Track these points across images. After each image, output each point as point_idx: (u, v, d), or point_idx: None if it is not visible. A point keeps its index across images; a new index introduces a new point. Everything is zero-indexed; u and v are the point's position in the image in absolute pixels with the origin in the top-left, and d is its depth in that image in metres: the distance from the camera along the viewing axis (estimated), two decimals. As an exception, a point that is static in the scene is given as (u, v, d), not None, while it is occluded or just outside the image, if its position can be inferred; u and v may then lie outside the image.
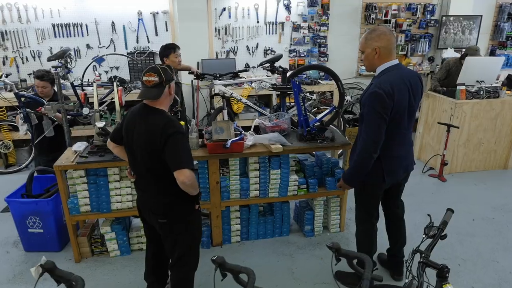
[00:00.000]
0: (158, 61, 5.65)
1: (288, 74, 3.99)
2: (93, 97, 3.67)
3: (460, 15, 6.27)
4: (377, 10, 5.99)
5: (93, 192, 3.04)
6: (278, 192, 3.33)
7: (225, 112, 4.01)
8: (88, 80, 5.05)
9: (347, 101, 5.96)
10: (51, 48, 5.44)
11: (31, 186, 3.42)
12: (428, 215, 1.94)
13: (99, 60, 5.55)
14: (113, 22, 5.50)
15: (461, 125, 4.63)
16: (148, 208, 2.28)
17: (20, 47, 5.39)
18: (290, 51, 6.10)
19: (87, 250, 3.24)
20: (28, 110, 3.93)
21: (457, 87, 4.59)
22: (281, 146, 3.13)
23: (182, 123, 3.02)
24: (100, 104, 4.01)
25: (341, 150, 4.03)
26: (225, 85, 4.89)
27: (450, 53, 6.16)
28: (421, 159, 5.23)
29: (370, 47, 2.35)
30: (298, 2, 5.86)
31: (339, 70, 6.15)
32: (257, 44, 5.97)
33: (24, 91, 4.99)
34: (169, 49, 3.81)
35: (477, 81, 4.74)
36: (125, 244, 3.26)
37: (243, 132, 3.22)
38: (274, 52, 6.05)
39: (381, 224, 2.85)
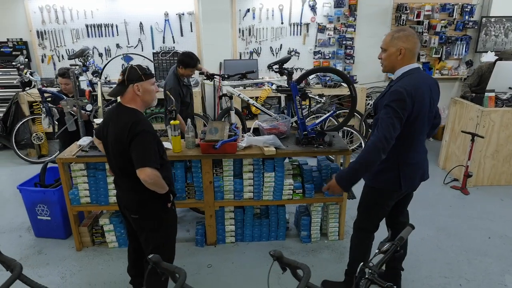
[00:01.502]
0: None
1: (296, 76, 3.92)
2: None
3: (503, 16, 5.79)
4: (408, 11, 5.70)
5: (92, 185, 3.19)
6: (273, 195, 3.29)
7: (233, 113, 4.03)
8: (106, 78, 5.30)
9: (370, 105, 5.76)
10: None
11: (44, 176, 3.67)
12: (388, 229, 1.80)
13: (127, 58, 5.83)
14: (141, 23, 5.74)
15: (489, 134, 4.28)
16: (123, 205, 2.35)
17: (57, 46, 5.80)
18: (315, 53, 5.99)
19: (88, 239, 3.41)
20: (50, 105, 4.23)
21: (485, 93, 4.25)
22: (274, 149, 3.09)
23: (176, 122, 3.06)
24: (115, 101, 4.20)
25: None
26: (245, 86, 4.91)
27: (490, 57, 5.70)
28: (446, 169, 4.90)
29: (395, 46, 2.22)
30: (324, 2, 5.74)
31: (366, 73, 6.01)
32: (281, 45, 5.93)
33: (58, 87, 5.37)
34: (192, 61, 3.82)
35: (510, 88, 4.35)
36: (122, 237, 3.38)
37: (238, 133, 3.22)
38: (298, 53, 5.98)
39: (377, 234, 2.71)
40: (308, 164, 3.48)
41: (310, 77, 5.84)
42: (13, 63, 5.53)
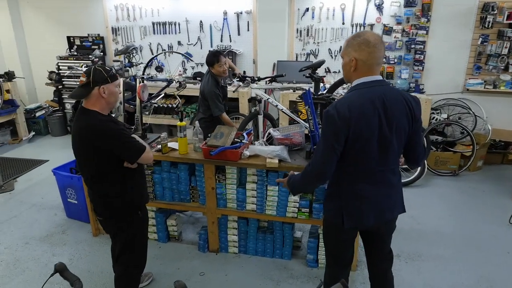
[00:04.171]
0: (237, 59, 5.81)
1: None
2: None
3: None
4: (497, 11, 4.80)
5: (106, 177, 3.34)
6: (276, 210, 3.05)
7: (261, 117, 3.84)
8: (148, 74, 5.51)
9: (436, 119, 5.04)
10: (150, 43, 6.15)
11: (80, 162, 3.96)
12: (320, 280, 1.47)
13: (187, 56, 6.02)
14: (201, 21, 5.86)
15: None
16: (93, 205, 2.39)
17: (127, 42, 6.24)
18: (379, 57, 5.42)
19: (103, 227, 3.59)
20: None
21: None
22: (277, 161, 2.85)
23: (183, 123, 3.02)
24: (155, 97, 4.35)
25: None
26: (294, 90, 4.66)
27: None
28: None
29: (348, 55, 1.88)
30: (392, 1, 5.14)
31: (439, 82, 5.27)
32: (341, 47, 5.50)
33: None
34: (213, 57, 3.72)
35: None
36: (132, 230, 3.48)
37: (244, 141, 3.05)
38: (360, 57, 5.47)
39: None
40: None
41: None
42: (90, 56, 6.12)
